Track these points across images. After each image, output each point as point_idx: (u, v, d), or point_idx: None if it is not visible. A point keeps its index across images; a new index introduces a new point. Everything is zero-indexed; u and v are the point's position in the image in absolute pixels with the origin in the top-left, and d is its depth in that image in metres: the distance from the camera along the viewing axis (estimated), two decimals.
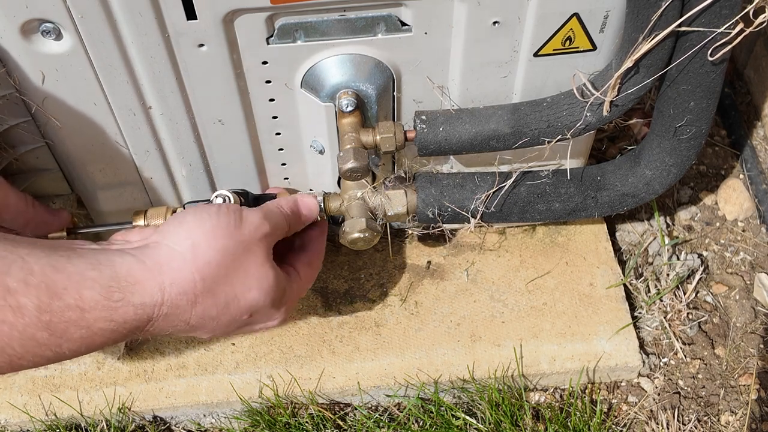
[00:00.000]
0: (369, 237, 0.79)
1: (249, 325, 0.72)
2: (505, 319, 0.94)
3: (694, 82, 0.71)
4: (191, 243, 0.64)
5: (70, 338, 0.56)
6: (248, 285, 0.68)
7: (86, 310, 0.57)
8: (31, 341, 0.55)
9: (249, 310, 0.69)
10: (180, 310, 0.63)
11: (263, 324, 0.74)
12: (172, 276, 0.62)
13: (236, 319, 0.68)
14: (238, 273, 0.67)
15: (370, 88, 0.75)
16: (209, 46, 0.69)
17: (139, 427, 0.92)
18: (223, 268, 0.65)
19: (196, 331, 0.67)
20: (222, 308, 0.66)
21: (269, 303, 0.70)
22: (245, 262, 0.67)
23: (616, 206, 0.85)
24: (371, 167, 0.80)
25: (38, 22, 0.64)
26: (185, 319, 0.64)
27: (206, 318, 0.66)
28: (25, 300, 0.54)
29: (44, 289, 0.55)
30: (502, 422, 0.88)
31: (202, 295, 0.64)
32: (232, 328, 0.70)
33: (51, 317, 0.55)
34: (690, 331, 0.97)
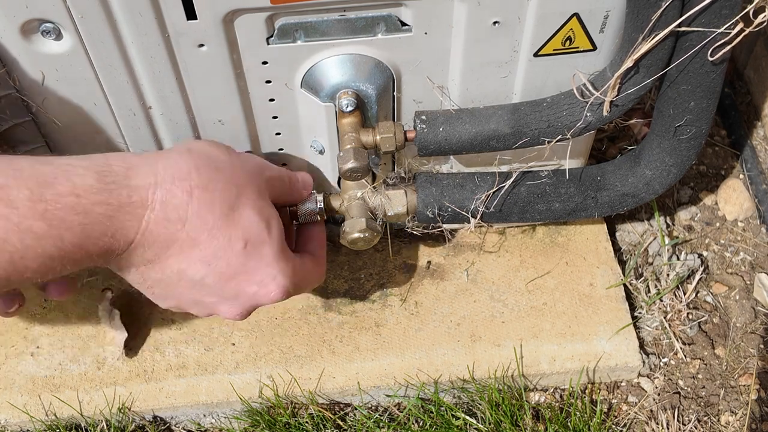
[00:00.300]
0: (369, 237, 0.79)
1: (244, 271, 0.65)
2: (505, 319, 0.94)
3: (694, 82, 0.71)
4: (187, 146, 0.63)
5: (69, 227, 0.54)
6: (245, 201, 0.64)
7: (81, 196, 0.55)
8: (29, 234, 0.53)
9: (245, 237, 0.64)
10: (176, 199, 0.60)
11: (259, 281, 0.66)
12: (166, 163, 0.60)
13: (233, 245, 0.63)
14: (235, 184, 0.64)
15: (370, 88, 0.75)
16: (209, 46, 0.69)
17: (139, 427, 0.92)
18: (219, 172, 0.63)
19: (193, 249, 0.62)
20: (218, 217, 0.62)
21: (268, 237, 0.65)
22: (241, 179, 0.65)
23: (616, 206, 0.85)
24: (371, 167, 0.80)
25: (38, 22, 0.64)
26: (181, 216, 0.60)
27: (202, 224, 0.61)
28: (16, 192, 0.52)
29: (34, 180, 0.54)
30: (502, 422, 0.88)
31: (198, 188, 0.61)
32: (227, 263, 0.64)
33: (46, 206, 0.53)
34: (690, 331, 0.97)
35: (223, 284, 0.65)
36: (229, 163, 0.64)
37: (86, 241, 0.55)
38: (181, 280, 0.63)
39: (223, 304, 0.67)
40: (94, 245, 0.56)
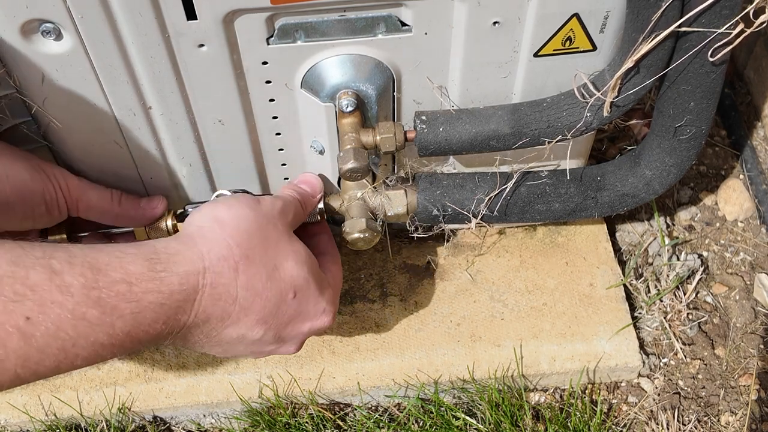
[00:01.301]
0: (369, 237, 0.79)
1: (298, 316, 0.69)
2: (505, 319, 0.94)
3: (694, 83, 0.71)
4: (214, 216, 0.65)
5: (121, 314, 0.54)
6: (283, 255, 0.67)
7: (133, 283, 0.56)
8: (83, 321, 0.52)
9: (293, 287, 0.67)
10: (224, 278, 0.62)
11: (312, 319, 0.70)
12: (208, 244, 0.62)
13: (283, 298, 0.66)
14: (269, 242, 0.66)
15: (370, 88, 0.75)
16: (209, 47, 0.69)
17: (139, 427, 0.92)
18: (253, 236, 0.65)
19: (245, 317, 0.64)
20: (265, 281, 0.65)
21: (310, 278, 0.69)
22: (272, 233, 0.67)
23: (616, 206, 0.85)
24: (371, 167, 0.80)
25: (38, 22, 0.64)
26: (232, 294, 0.62)
27: (252, 293, 0.64)
28: (71, 279, 0.53)
29: (88, 267, 0.54)
30: (502, 422, 0.88)
31: (242, 261, 0.63)
32: (282, 317, 0.67)
33: (99, 293, 0.54)
34: (690, 332, 0.97)
35: (281, 332, 0.69)
36: (258, 223, 0.66)
37: (137, 329, 0.56)
38: (241, 342, 0.66)
39: (282, 348, 0.71)
40: (145, 333, 0.56)
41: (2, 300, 0.49)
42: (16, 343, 0.49)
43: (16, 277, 0.50)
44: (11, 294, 0.50)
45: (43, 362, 0.51)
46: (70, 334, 0.52)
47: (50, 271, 0.52)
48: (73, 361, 0.53)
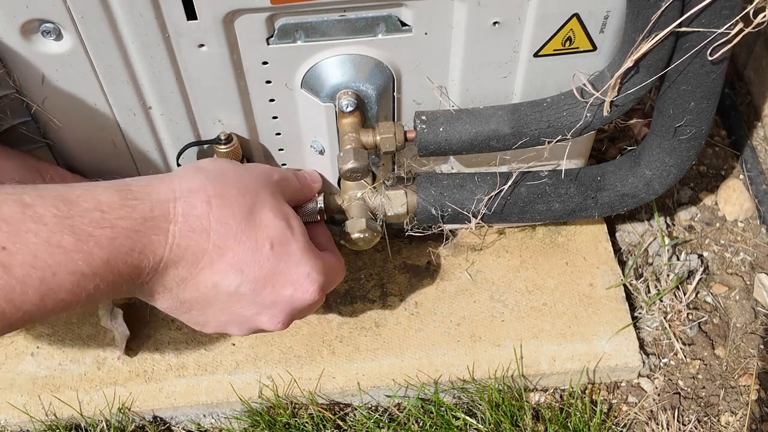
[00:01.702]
0: (369, 237, 0.79)
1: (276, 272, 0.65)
2: (505, 319, 0.94)
3: (694, 83, 0.71)
4: (195, 164, 0.65)
5: (97, 241, 0.55)
6: (261, 204, 0.65)
7: (105, 211, 0.56)
8: (59, 249, 0.53)
9: (268, 236, 0.64)
10: (196, 210, 0.61)
11: (293, 282, 0.66)
12: (180, 179, 0.62)
13: (259, 246, 0.64)
14: (247, 190, 0.65)
15: (370, 88, 0.75)
16: (209, 47, 0.69)
17: (139, 428, 0.92)
18: (230, 179, 0.64)
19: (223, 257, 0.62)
20: (240, 221, 0.63)
21: (289, 233, 0.66)
22: (252, 184, 0.66)
23: (616, 206, 0.85)
24: (371, 167, 0.80)
25: (38, 22, 0.64)
26: (205, 227, 0.61)
27: (227, 230, 0.62)
28: (43, 210, 0.53)
29: (60, 199, 0.54)
30: (502, 422, 0.88)
31: (215, 197, 0.62)
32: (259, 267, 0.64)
33: (72, 222, 0.54)
34: (690, 332, 0.97)
35: (259, 291, 0.65)
36: (238, 173, 0.66)
37: (115, 258, 0.56)
38: (217, 294, 0.64)
39: (263, 314, 0.67)
40: (123, 262, 0.56)
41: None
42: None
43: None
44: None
45: (26, 295, 0.51)
46: (48, 262, 0.52)
47: (22, 204, 0.52)
48: (57, 293, 0.53)
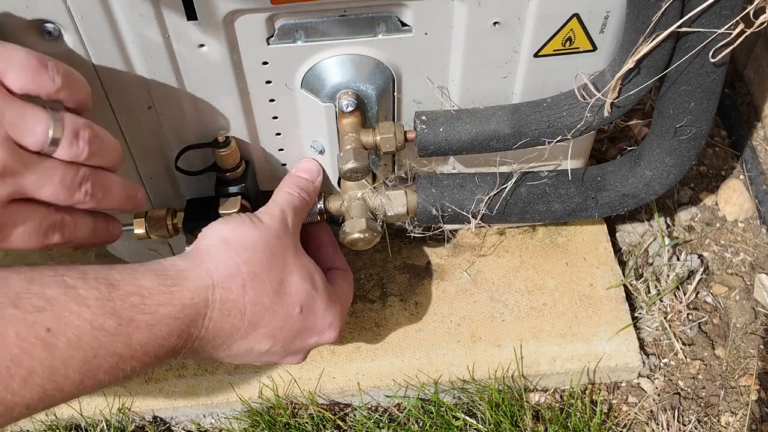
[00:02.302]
0: (369, 237, 0.79)
1: (305, 330, 0.70)
2: (505, 319, 0.94)
3: (695, 83, 0.71)
4: (220, 235, 0.66)
5: (137, 326, 0.56)
6: (289, 269, 0.68)
7: (146, 296, 0.57)
8: (101, 331, 0.54)
9: (299, 302, 0.69)
10: (233, 294, 0.63)
11: (318, 333, 0.72)
12: (215, 261, 0.63)
13: (290, 314, 0.68)
14: (275, 258, 0.67)
15: (370, 88, 0.75)
16: (209, 47, 0.69)
17: (139, 428, 0.92)
18: (260, 252, 0.66)
19: (254, 331, 0.66)
20: (272, 297, 0.66)
21: (315, 293, 0.70)
22: (277, 248, 0.68)
23: (617, 207, 0.85)
24: (371, 168, 0.81)
25: (38, 22, 0.64)
26: (240, 308, 0.64)
27: (260, 308, 0.65)
28: (85, 292, 0.54)
29: (102, 281, 0.56)
30: (502, 423, 0.88)
31: (249, 278, 0.65)
32: (289, 330, 0.69)
33: (114, 305, 0.55)
34: (690, 332, 0.97)
35: (288, 345, 0.70)
36: (263, 240, 0.68)
37: (153, 342, 0.57)
38: (249, 354, 0.68)
39: (287, 358, 0.73)
40: (160, 347, 0.58)
41: (23, 314, 0.51)
42: (41, 354, 0.51)
43: (33, 293, 0.52)
44: (30, 308, 0.51)
45: (68, 375, 0.52)
46: (90, 344, 0.53)
47: (65, 286, 0.54)
48: (96, 374, 0.54)
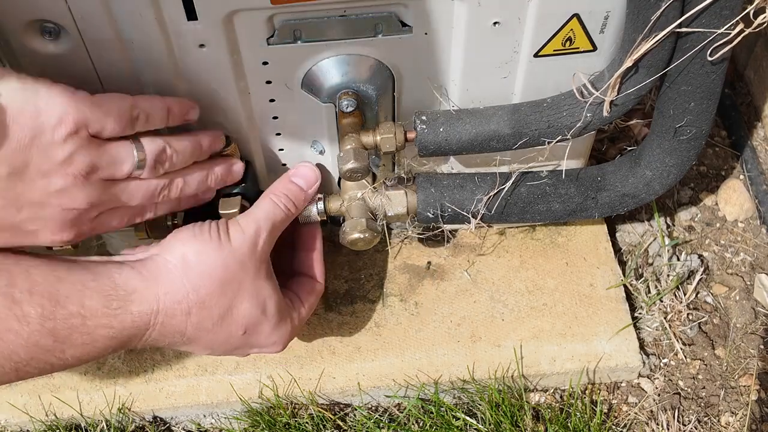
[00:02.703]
0: (369, 238, 0.79)
1: (246, 345, 0.73)
2: (505, 319, 0.94)
3: (695, 83, 0.71)
4: (182, 255, 0.67)
5: (73, 344, 0.60)
6: (241, 297, 0.70)
7: (87, 318, 0.60)
8: (36, 348, 0.58)
9: (244, 325, 0.71)
10: (175, 320, 0.66)
11: (260, 347, 0.75)
12: (167, 286, 0.65)
13: (232, 334, 0.71)
14: (231, 285, 0.69)
15: (370, 88, 0.75)
16: (210, 47, 0.69)
17: (139, 428, 0.92)
18: (215, 281, 0.68)
19: (192, 344, 0.70)
20: (216, 321, 0.69)
21: (264, 318, 0.72)
22: (237, 275, 0.69)
23: (617, 207, 0.85)
24: (371, 168, 0.81)
25: (39, 22, 0.64)
26: (181, 330, 0.67)
27: (202, 330, 0.69)
28: (29, 309, 0.58)
29: (48, 298, 0.59)
30: (502, 423, 0.88)
31: (196, 306, 0.67)
32: (228, 345, 0.72)
33: (54, 324, 0.58)
34: (690, 332, 0.97)
35: (227, 353, 0.74)
36: (223, 265, 0.68)
37: (86, 356, 0.62)
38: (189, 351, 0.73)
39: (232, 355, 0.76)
40: (93, 358, 0.63)
41: None
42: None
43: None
44: None
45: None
46: (22, 357, 0.58)
47: (11, 301, 0.57)
48: (24, 376, 0.60)
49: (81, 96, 0.61)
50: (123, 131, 0.64)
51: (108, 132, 0.63)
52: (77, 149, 0.61)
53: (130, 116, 0.64)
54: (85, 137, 0.61)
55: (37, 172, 0.60)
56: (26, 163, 0.59)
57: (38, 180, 0.60)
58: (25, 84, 0.59)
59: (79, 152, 0.61)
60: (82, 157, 0.61)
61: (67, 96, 0.60)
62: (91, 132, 0.62)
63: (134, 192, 0.67)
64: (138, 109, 0.65)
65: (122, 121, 0.63)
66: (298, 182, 0.77)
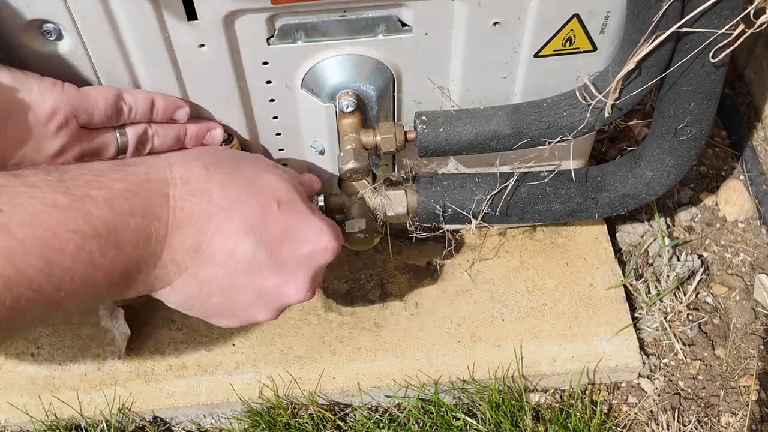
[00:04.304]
0: (369, 238, 0.79)
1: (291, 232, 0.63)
2: (505, 319, 0.94)
3: (695, 84, 0.71)
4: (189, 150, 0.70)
5: (94, 201, 0.52)
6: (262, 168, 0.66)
7: (98, 174, 0.55)
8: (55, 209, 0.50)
9: (275, 197, 0.62)
10: (195, 175, 0.59)
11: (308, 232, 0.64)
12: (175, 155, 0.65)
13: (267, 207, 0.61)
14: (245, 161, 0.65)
15: (370, 88, 0.75)
16: (210, 47, 0.69)
17: (139, 428, 0.92)
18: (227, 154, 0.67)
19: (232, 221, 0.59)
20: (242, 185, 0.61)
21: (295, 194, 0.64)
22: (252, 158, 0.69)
23: (617, 207, 0.85)
24: (372, 168, 0.81)
25: (39, 23, 0.64)
26: (207, 190, 0.59)
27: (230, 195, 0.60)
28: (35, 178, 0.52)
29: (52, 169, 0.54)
30: (502, 423, 0.88)
31: (212, 164, 0.61)
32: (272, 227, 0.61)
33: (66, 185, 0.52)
34: (690, 332, 0.97)
35: (277, 253, 0.62)
36: (233, 151, 0.71)
37: (115, 219, 0.53)
38: (236, 265, 0.60)
39: (289, 284, 0.64)
40: (125, 225, 0.53)
41: None
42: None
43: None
44: None
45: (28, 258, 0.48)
46: (47, 221, 0.50)
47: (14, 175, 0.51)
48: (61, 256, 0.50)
49: (69, 89, 0.65)
50: (109, 121, 0.67)
51: (95, 122, 0.66)
52: (68, 141, 0.64)
53: (116, 107, 0.67)
54: (75, 128, 0.65)
55: (31, 164, 0.62)
56: (22, 158, 0.61)
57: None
58: (17, 78, 0.61)
59: (70, 143, 0.64)
60: (73, 148, 0.65)
61: (57, 90, 0.64)
62: (80, 123, 0.65)
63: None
64: (123, 101, 0.68)
65: (109, 112, 0.67)
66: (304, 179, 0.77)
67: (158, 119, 0.71)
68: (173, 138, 0.73)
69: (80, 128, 0.65)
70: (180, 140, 0.73)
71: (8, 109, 0.60)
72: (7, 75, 0.62)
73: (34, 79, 0.63)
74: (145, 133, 0.70)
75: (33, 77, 0.63)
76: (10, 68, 0.62)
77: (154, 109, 0.71)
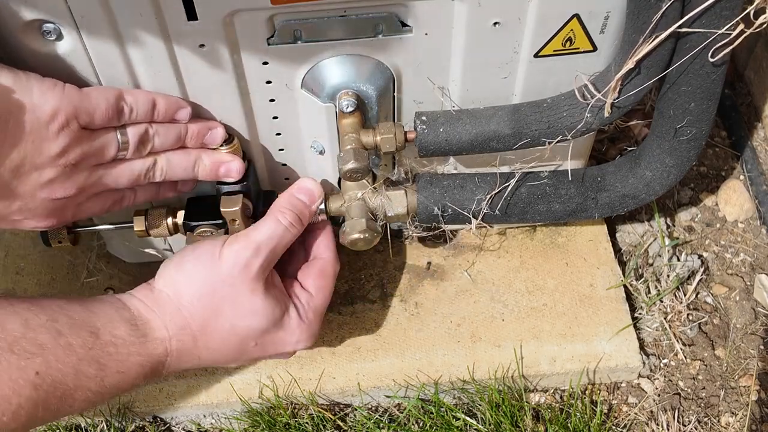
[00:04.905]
0: (369, 238, 0.79)
1: (267, 352, 0.76)
2: (505, 319, 0.94)
3: (695, 84, 0.71)
4: (174, 283, 0.71)
5: (110, 372, 0.64)
6: (240, 315, 0.72)
7: (119, 346, 0.65)
8: (83, 376, 0.62)
9: (253, 339, 0.73)
10: (186, 345, 0.70)
11: (284, 350, 0.77)
12: (169, 315, 0.69)
13: (246, 349, 0.74)
14: (224, 308, 0.71)
15: (370, 88, 0.75)
16: (210, 47, 0.69)
17: (139, 428, 0.92)
18: (207, 308, 0.70)
19: (213, 362, 0.74)
20: (224, 338, 0.72)
21: (273, 329, 0.74)
22: (231, 294, 0.71)
23: (617, 207, 0.85)
24: (372, 168, 0.80)
25: (39, 23, 0.64)
26: (196, 354, 0.71)
27: (214, 351, 0.72)
28: (73, 340, 0.62)
29: (86, 330, 0.63)
30: (502, 423, 0.88)
31: (200, 331, 0.71)
32: (249, 356, 0.75)
33: (95, 353, 0.63)
34: (690, 332, 0.97)
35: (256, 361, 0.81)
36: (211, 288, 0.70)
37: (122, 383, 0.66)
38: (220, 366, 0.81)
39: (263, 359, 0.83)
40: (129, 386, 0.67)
41: (17, 359, 0.58)
42: (29, 393, 0.58)
43: (27, 338, 0.59)
44: (24, 353, 0.59)
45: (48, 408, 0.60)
46: (72, 384, 0.61)
47: (56, 333, 0.61)
48: (71, 406, 0.62)
49: (70, 90, 0.65)
50: (110, 122, 0.68)
51: (96, 123, 0.67)
52: (70, 142, 0.64)
53: (117, 108, 0.68)
54: (76, 129, 0.65)
55: (32, 165, 0.63)
56: (23, 159, 0.61)
57: (32, 173, 0.63)
58: (18, 79, 0.60)
59: (71, 145, 0.65)
60: (74, 149, 0.65)
61: (58, 90, 0.64)
62: (81, 124, 0.65)
63: (120, 174, 0.71)
64: (124, 102, 0.68)
65: (110, 113, 0.67)
66: (302, 197, 0.77)
67: (160, 119, 0.71)
68: (174, 138, 0.73)
69: (81, 129, 0.65)
70: (181, 140, 0.73)
71: (9, 111, 0.60)
72: (8, 76, 0.61)
73: (35, 80, 0.63)
74: (146, 133, 0.70)
75: (34, 78, 0.63)
76: (11, 69, 0.62)
77: (155, 110, 0.71)
